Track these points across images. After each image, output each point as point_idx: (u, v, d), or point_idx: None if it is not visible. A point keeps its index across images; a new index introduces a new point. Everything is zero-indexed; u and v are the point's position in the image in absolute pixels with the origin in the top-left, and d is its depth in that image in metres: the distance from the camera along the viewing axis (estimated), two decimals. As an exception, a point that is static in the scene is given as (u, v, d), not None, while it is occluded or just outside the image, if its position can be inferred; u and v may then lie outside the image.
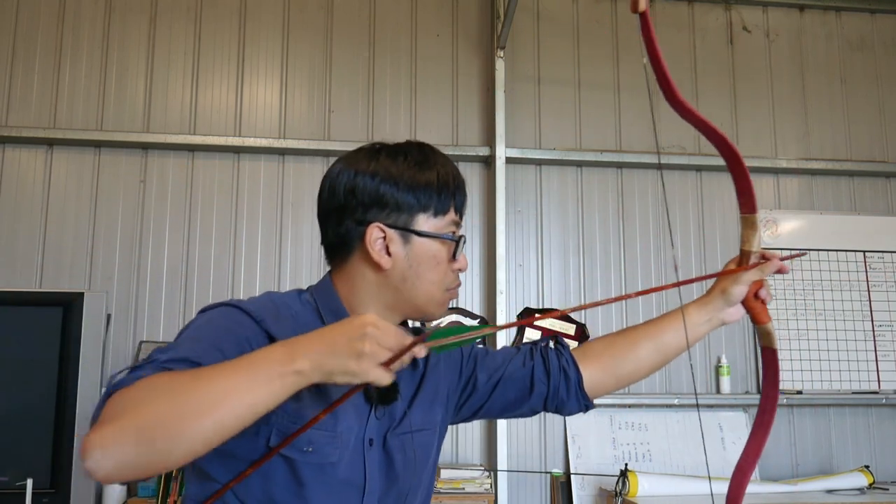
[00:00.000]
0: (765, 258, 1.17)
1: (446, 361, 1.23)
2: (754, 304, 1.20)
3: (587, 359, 1.28)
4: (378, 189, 1.07)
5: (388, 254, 1.07)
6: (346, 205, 1.09)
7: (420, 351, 0.89)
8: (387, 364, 0.87)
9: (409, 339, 0.88)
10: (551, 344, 1.30)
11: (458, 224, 1.13)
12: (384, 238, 1.07)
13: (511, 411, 1.29)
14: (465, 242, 1.13)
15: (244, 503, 1.01)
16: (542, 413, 3.25)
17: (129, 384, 0.84)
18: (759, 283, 1.19)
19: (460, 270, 1.14)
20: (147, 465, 0.78)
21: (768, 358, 1.18)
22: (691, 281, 1.14)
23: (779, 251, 1.19)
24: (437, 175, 1.09)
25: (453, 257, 1.11)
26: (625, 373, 1.27)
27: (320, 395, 1.03)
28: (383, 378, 0.87)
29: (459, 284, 1.15)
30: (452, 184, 1.11)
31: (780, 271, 1.17)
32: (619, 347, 1.27)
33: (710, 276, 1.18)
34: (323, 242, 1.15)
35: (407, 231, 1.07)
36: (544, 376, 1.25)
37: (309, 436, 1.00)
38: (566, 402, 1.26)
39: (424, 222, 1.08)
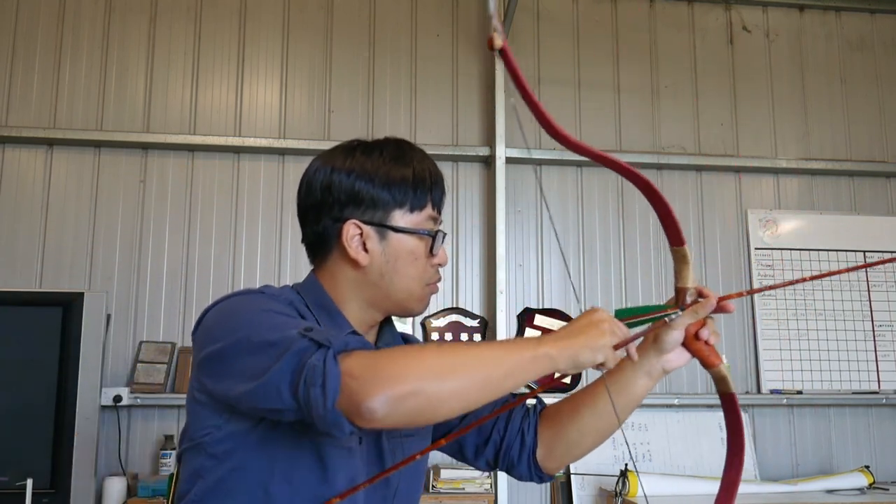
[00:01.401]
0: (702, 295, 1.04)
1: None
2: (698, 347, 1.05)
3: (546, 425, 1.21)
4: (353, 186, 1.08)
5: (366, 250, 1.08)
6: (322, 202, 1.10)
7: (633, 352, 0.99)
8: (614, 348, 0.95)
9: (628, 331, 0.96)
10: (529, 401, 1.24)
11: (435, 219, 1.13)
12: (361, 235, 1.08)
13: (466, 455, 1.25)
14: (444, 237, 1.13)
15: (268, 490, 1.00)
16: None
17: (355, 348, 0.88)
18: (700, 323, 1.06)
19: (440, 265, 1.14)
20: (420, 415, 0.85)
21: (727, 405, 1.04)
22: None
23: (717, 292, 1.02)
24: (412, 171, 1.10)
25: (431, 252, 1.11)
26: (572, 441, 1.18)
27: None
28: (614, 359, 0.94)
29: (440, 279, 1.15)
30: (429, 179, 1.11)
31: (722, 310, 1.03)
32: (563, 416, 1.19)
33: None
34: (303, 241, 1.16)
35: (383, 227, 1.08)
36: (503, 430, 1.21)
37: None
38: (516, 465, 1.22)
39: (400, 218, 1.09)
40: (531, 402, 1.25)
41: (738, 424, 1.04)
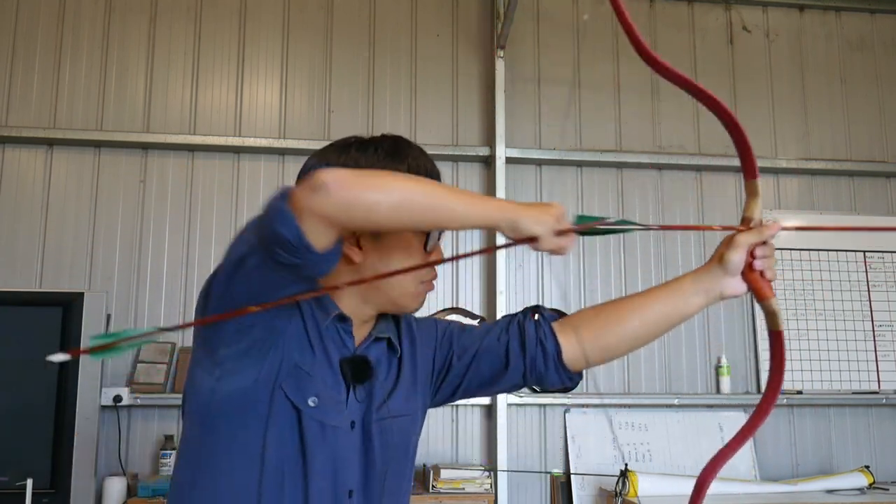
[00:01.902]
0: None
1: (422, 346, 1.21)
2: (755, 278, 1.09)
3: (569, 330, 1.20)
4: None
5: (359, 247, 1.08)
6: None
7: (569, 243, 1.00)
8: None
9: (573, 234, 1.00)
10: (535, 315, 1.24)
11: None
12: (354, 231, 1.07)
13: (490, 387, 1.25)
14: (439, 234, 1.13)
15: (263, 456, 1.02)
16: (541, 411, 3.24)
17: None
18: (759, 254, 1.09)
19: (435, 262, 1.14)
20: (358, 209, 0.90)
21: (774, 342, 1.10)
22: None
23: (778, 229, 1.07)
24: (407, 167, 1.09)
25: (426, 249, 1.11)
26: (609, 345, 1.19)
27: (326, 379, 1.05)
28: (550, 240, 0.97)
29: (435, 276, 1.15)
30: (424, 175, 1.10)
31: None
32: (605, 319, 1.19)
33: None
34: None
35: None
36: (520, 349, 1.20)
37: (316, 389, 1.04)
38: (545, 375, 1.21)
39: None
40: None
41: (781, 362, 1.08)
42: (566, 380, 1.22)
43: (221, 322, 1.00)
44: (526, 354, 1.20)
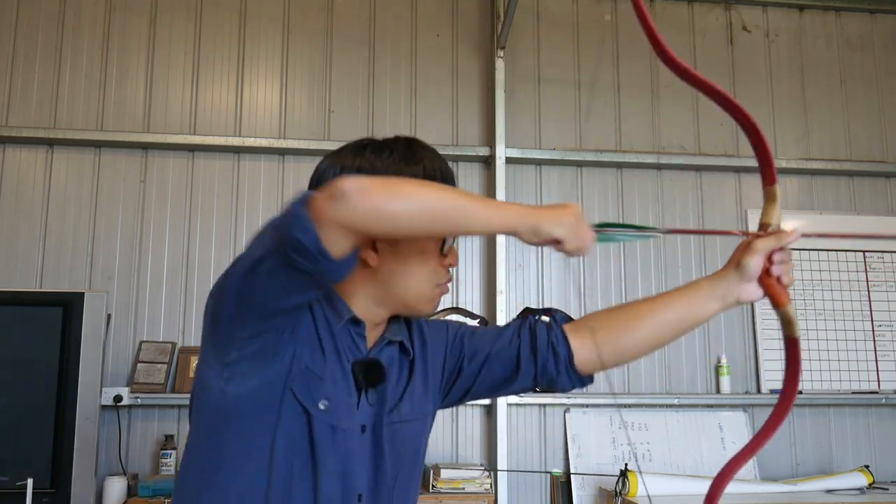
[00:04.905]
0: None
1: (433, 348, 1.20)
2: (770, 283, 1.10)
3: (584, 332, 1.20)
4: None
5: (375, 250, 1.07)
6: None
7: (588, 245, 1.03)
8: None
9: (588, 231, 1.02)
10: (544, 318, 1.23)
11: None
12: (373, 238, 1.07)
13: (500, 390, 1.25)
14: (455, 238, 1.12)
15: (273, 459, 1.01)
16: (541, 411, 3.24)
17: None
18: (777, 259, 1.10)
19: (450, 265, 1.13)
20: (379, 220, 0.89)
21: (790, 349, 1.09)
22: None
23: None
24: (423, 169, 1.08)
25: (442, 252, 1.10)
26: (625, 347, 1.18)
27: (338, 382, 1.04)
28: (574, 240, 1.00)
29: (450, 279, 1.15)
30: (440, 178, 1.09)
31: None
32: (620, 321, 1.19)
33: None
34: None
35: None
36: (531, 355, 1.19)
37: (326, 392, 1.02)
38: (556, 379, 1.20)
39: None
40: (546, 318, 1.25)
41: (797, 370, 1.08)
42: (577, 382, 1.21)
43: (232, 325, 0.99)
44: (538, 359, 1.19)
